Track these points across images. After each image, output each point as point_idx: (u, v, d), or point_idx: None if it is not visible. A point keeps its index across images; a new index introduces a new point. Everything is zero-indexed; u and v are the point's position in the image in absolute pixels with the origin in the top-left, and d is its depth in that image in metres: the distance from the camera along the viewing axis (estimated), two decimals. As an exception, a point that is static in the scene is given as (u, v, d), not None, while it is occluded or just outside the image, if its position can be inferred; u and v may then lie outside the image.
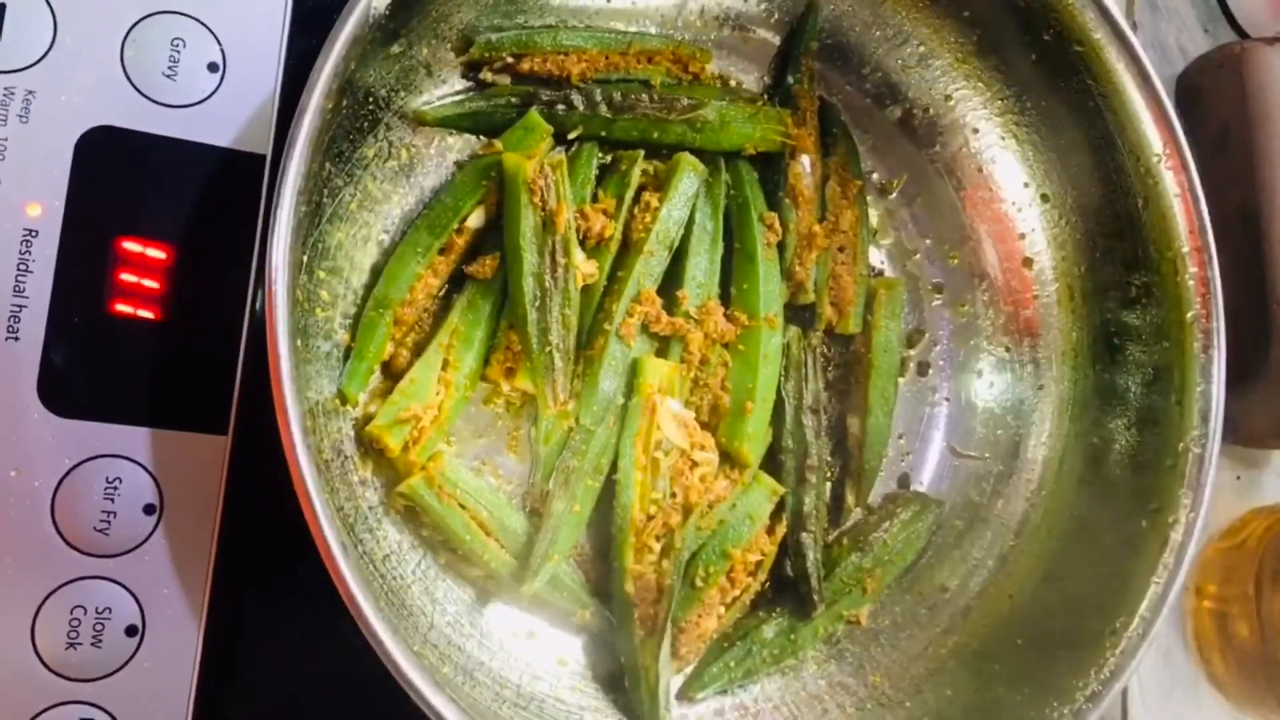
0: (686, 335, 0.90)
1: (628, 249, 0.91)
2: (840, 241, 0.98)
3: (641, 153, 0.92)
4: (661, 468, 0.86)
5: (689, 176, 0.92)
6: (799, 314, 0.99)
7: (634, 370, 0.89)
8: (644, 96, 0.92)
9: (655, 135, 0.93)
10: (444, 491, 0.85)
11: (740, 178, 0.96)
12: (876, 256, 1.05)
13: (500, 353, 0.87)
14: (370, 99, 0.87)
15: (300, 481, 0.70)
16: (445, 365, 0.86)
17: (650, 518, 0.85)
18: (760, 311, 0.93)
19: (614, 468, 0.88)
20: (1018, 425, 1.04)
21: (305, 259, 0.82)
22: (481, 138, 0.94)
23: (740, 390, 0.92)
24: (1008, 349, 1.04)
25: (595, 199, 0.91)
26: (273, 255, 0.71)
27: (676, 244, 0.92)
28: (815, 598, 0.93)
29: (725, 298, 0.95)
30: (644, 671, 0.87)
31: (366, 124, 0.85)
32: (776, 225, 0.94)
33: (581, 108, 0.91)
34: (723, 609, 0.92)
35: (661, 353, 0.92)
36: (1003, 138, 1.02)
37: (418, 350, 0.87)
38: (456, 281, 0.90)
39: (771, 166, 0.98)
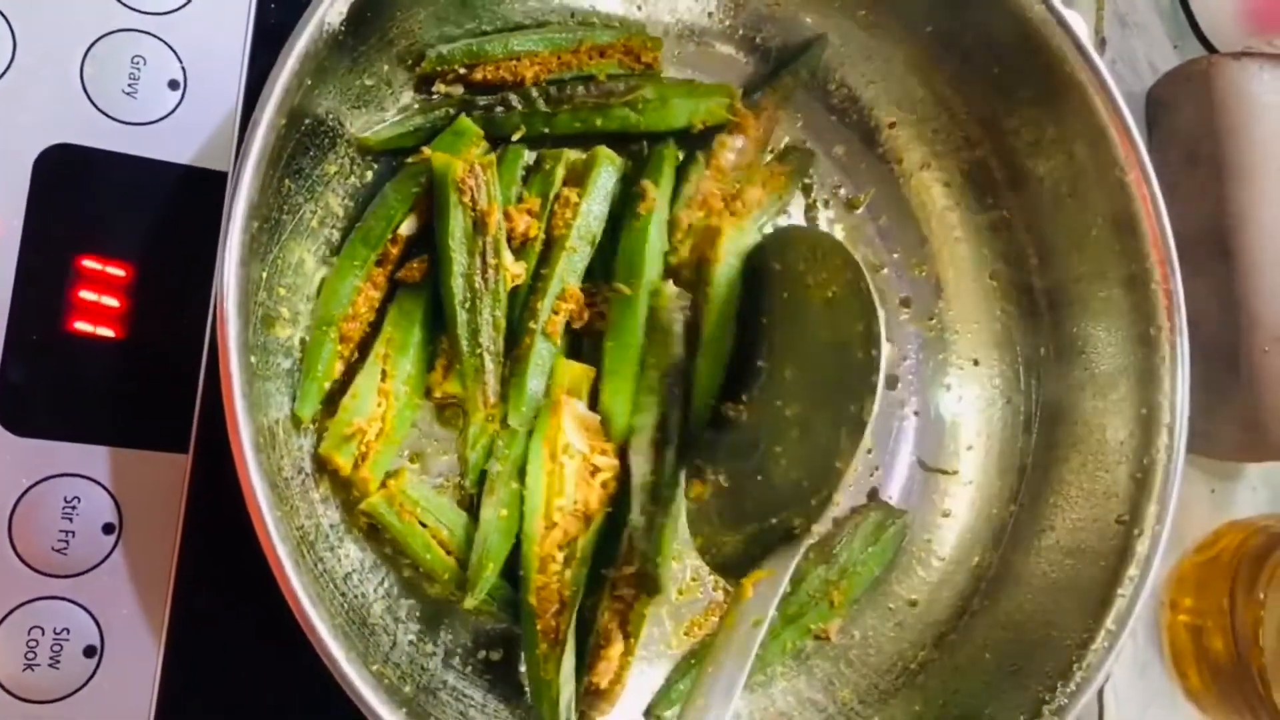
0: None
1: (550, 246, 0.91)
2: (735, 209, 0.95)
3: (566, 151, 0.92)
4: (567, 473, 0.85)
5: (607, 170, 0.92)
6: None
7: (552, 372, 0.89)
8: (580, 87, 0.92)
9: (599, 123, 0.93)
10: (405, 510, 0.84)
11: (660, 155, 0.95)
12: None
13: (443, 358, 0.87)
14: (331, 116, 0.86)
15: (253, 501, 0.70)
16: (384, 375, 0.85)
17: (551, 526, 0.84)
18: (631, 276, 0.92)
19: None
20: (986, 438, 1.04)
21: (264, 275, 0.82)
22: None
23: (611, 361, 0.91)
24: (975, 362, 1.04)
25: (520, 199, 0.91)
26: (224, 273, 0.71)
27: (599, 238, 0.92)
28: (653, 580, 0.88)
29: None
30: (545, 686, 0.86)
31: (327, 140, 0.84)
32: (649, 193, 0.92)
33: (520, 107, 0.91)
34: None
35: (592, 351, 0.91)
36: (967, 152, 1.03)
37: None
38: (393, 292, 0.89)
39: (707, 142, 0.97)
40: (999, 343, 1.04)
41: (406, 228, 0.87)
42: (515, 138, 0.94)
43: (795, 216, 1.03)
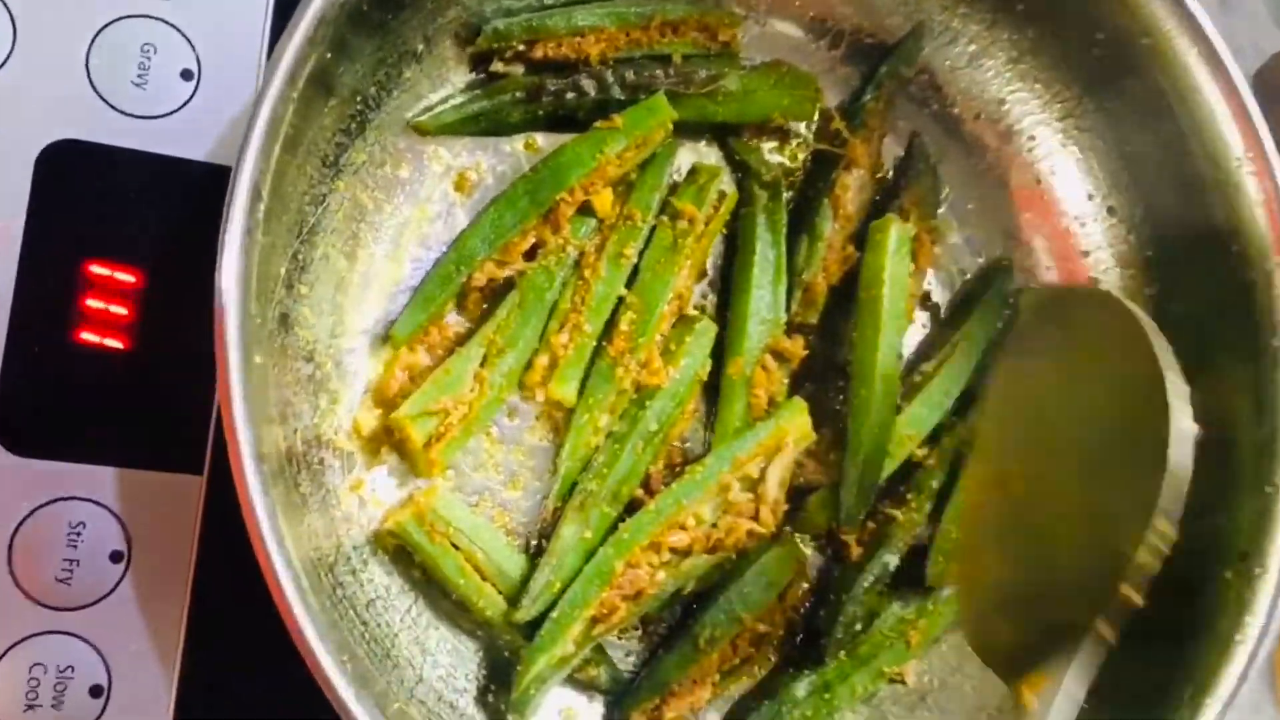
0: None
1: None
2: None
3: (721, 170, 0.90)
4: (730, 491, 0.83)
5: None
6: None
7: (786, 409, 0.86)
8: (659, 72, 0.87)
9: (677, 114, 0.87)
10: (436, 530, 0.79)
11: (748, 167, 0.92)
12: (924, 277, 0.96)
13: (545, 356, 0.85)
14: (358, 97, 0.80)
15: (253, 522, 0.64)
16: (485, 361, 0.82)
17: (680, 528, 0.81)
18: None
19: (630, 505, 0.84)
20: None
21: (285, 272, 0.76)
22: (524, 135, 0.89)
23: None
24: None
25: (664, 209, 0.89)
26: (222, 273, 0.64)
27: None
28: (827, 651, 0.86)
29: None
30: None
31: (354, 125, 0.79)
32: (693, 214, 0.88)
33: (593, 93, 0.85)
34: (718, 677, 0.85)
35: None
36: (1063, 144, 0.95)
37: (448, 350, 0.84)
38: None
39: (820, 173, 0.93)
40: None
41: (599, 204, 0.87)
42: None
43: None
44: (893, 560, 0.88)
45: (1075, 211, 0.96)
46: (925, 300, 0.96)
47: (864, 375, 0.89)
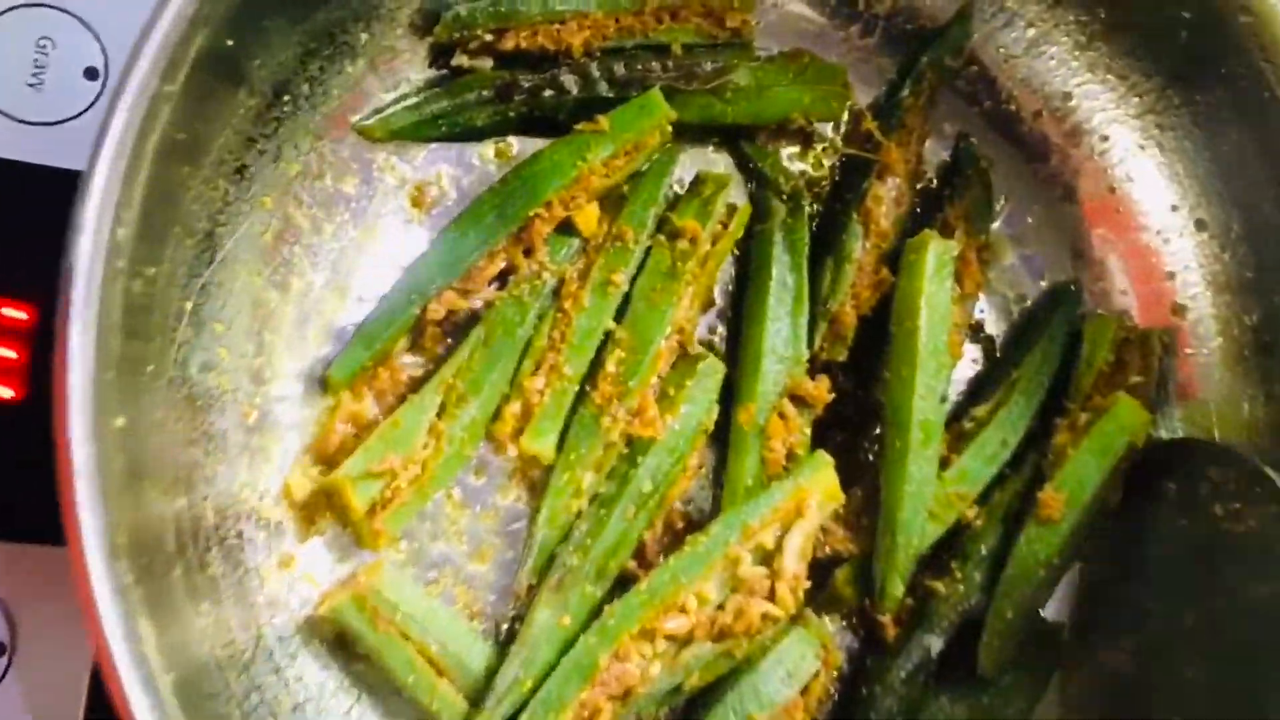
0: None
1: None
2: None
3: (731, 179, 0.80)
4: (740, 565, 0.73)
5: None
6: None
7: (809, 465, 0.76)
8: (655, 65, 0.78)
9: (676, 114, 0.78)
10: (380, 616, 0.70)
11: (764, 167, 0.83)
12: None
13: (518, 403, 0.75)
14: (283, 96, 0.71)
15: (95, 623, 0.52)
16: (443, 411, 0.73)
17: (680, 611, 0.72)
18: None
19: (621, 581, 0.75)
20: None
21: (191, 306, 0.67)
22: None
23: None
24: (1153, 423, 0.83)
25: (661, 227, 0.80)
26: (68, 304, 0.52)
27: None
28: None
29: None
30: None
31: (281, 130, 0.71)
32: (695, 232, 0.78)
33: (576, 90, 0.77)
34: None
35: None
36: (1142, 146, 0.86)
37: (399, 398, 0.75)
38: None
39: (849, 183, 0.83)
40: (1186, 397, 0.86)
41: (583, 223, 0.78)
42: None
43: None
44: (936, 643, 0.78)
45: (1157, 225, 0.86)
46: (977, 332, 0.86)
47: (900, 422, 0.77)
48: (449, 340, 0.76)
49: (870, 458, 0.81)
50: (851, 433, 0.82)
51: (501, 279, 0.77)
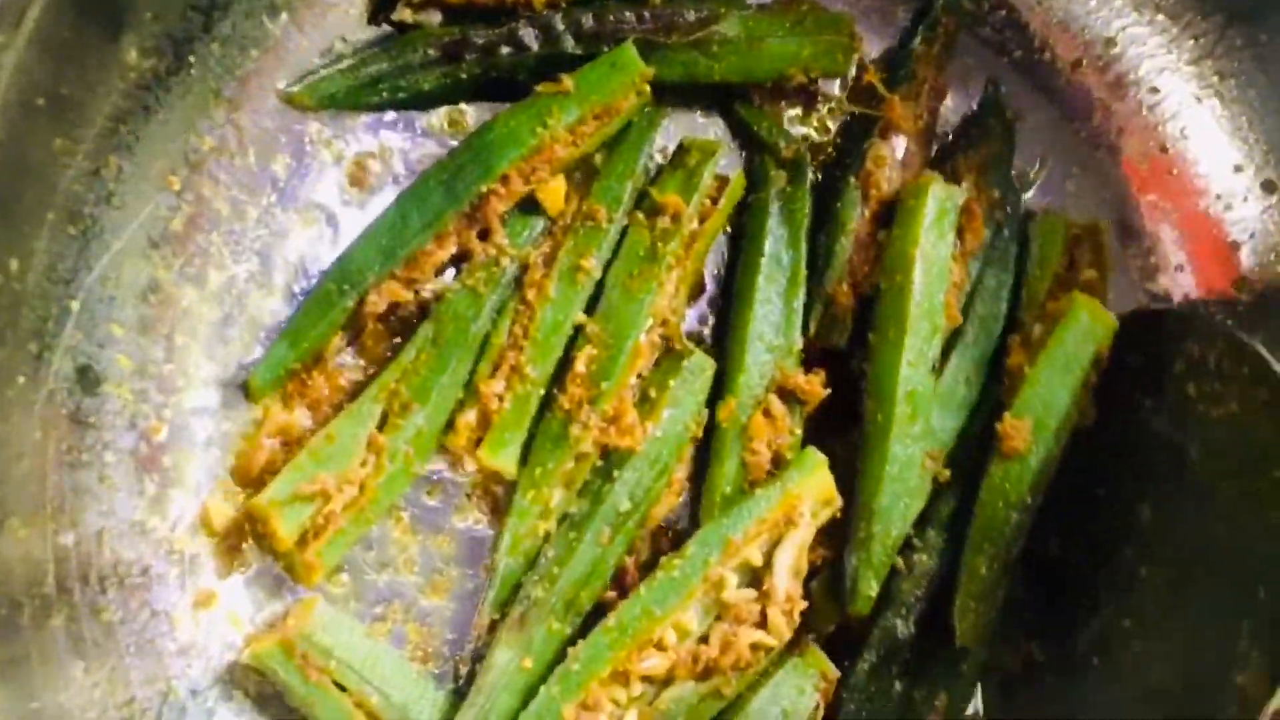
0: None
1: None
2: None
3: (720, 146, 0.73)
4: (724, 589, 0.66)
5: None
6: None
7: (798, 466, 0.69)
8: (629, 15, 0.71)
9: (655, 72, 0.71)
10: (311, 663, 0.63)
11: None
12: None
13: (473, 410, 0.68)
14: (188, 58, 0.64)
15: None
16: (384, 422, 0.66)
17: (656, 648, 0.65)
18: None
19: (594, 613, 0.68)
20: None
21: (77, 305, 0.60)
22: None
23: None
24: None
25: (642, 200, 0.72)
26: None
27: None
28: None
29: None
30: None
31: (188, 97, 0.65)
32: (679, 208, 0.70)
33: (537, 46, 0.70)
34: None
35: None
36: (1198, 97, 0.80)
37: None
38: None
39: (851, 146, 0.77)
40: None
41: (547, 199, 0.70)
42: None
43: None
44: (902, 627, 0.70)
45: (1218, 189, 0.80)
46: None
47: (883, 392, 0.70)
48: (396, 339, 0.69)
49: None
50: (849, 433, 0.74)
51: (455, 266, 0.70)
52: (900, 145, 0.77)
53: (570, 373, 0.69)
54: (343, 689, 0.63)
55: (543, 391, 0.69)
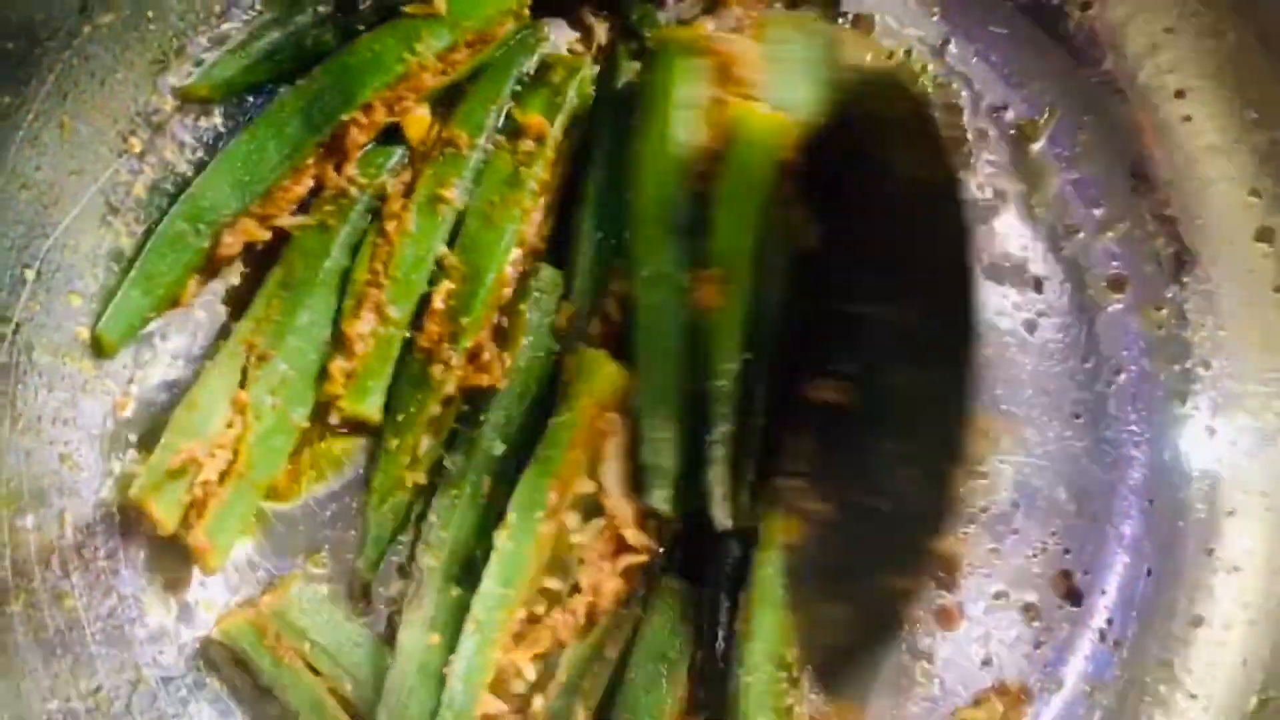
0: None
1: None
2: None
3: (585, 62, 0.69)
4: (570, 540, 0.62)
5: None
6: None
7: (574, 367, 0.63)
8: None
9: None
10: (284, 645, 0.62)
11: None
12: (1012, 239, 0.78)
13: (340, 356, 0.64)
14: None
15: None
16: (244, 378, 0.63)
17: (535, 620, 0.62)
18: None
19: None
20: (1268, 506, 0.75)
21: (32, 275, 0.58)
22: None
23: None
24: (1233, 375, 0.78)
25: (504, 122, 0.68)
26: None
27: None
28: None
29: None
30: None
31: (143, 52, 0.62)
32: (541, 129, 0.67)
33: None
34: None
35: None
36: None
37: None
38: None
39: None
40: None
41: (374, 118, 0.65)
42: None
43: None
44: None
45: (1236, 134, 0.77)
46: (1022, 272, 0.78)
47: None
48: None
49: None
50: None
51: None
52: (731, 16, 0.72)
53: (428, 310, 0.65)
54: (315, 673, 0.61)
55: (406, 333, 0.65)
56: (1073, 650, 0.73)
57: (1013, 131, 0.79)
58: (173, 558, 0.62)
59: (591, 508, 0.63)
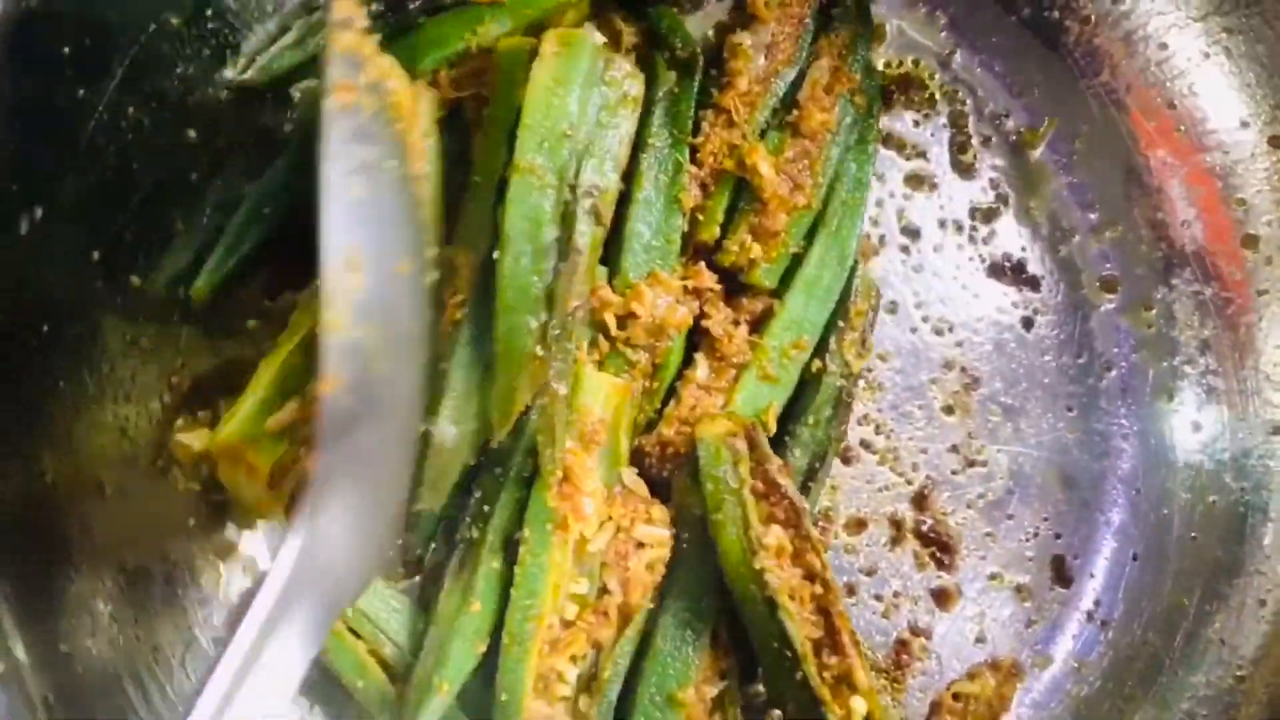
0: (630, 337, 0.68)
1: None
2: (792, 154, 0.72)
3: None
4: (591, 547, 0.63)
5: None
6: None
7: (579, 391, 0.65)
8: None
9: None
10: None
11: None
12: (1011, 240, 0.79)
13: None
14: None
15: None
16: None
17: (568, 625, 0.63)
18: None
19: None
20: (1242, 489, 0.77)
21: None
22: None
23: None
24: (1217, 372, 0.78)
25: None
26: None
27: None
28: None
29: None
30: None
31: None
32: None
33: None
34: None
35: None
36: (1206, 54, 0.77)
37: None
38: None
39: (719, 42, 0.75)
40: (1256, 344, 0.78)
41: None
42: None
43: (934, 158, 0.78)
44: None
45: (1224, 144, 0.78)
46: (1018, 272, 0.78)
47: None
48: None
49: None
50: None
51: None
52: (764, 34, 0.73)
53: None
54: (357, 636, 0.63)
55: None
56: (1062, 629, 0.75)
57: (1013, 138, 0.79)
58: (220, 527, 0.64)
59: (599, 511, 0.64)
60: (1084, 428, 0.78)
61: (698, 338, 0.70)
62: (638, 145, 0.69)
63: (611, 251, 0.68)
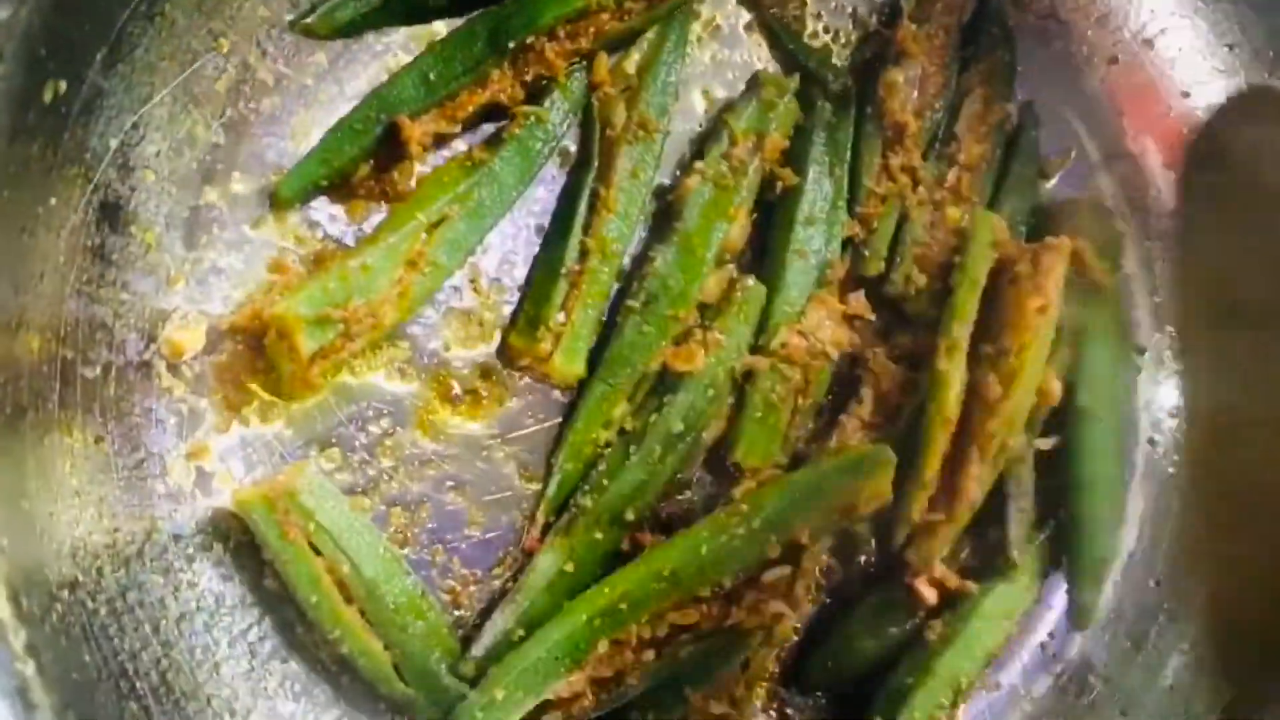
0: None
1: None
2: (951, 189, 0.73)
3: (791, 86, 0.72)
4: (766, 576, 0.65)
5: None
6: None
7: (868, 459, 0.67)
8: None
9: None
10: (291, 522, 0.62)
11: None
12: None
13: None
14: None
15: None
16: (417, 258, 0.66)
17: (695, 599, 0.65)
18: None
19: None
20: None
21: (113, 144, 0.59)
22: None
23: None
24: None
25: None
26: None
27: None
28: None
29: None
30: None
31: None
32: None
33: None
34: None
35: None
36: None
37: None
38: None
39: (865, 72, 0.75)
40: None
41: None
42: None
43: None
44: None
45: (1203, 103, 0.77)
46: None
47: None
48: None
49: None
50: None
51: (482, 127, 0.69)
52: (912, 69, 0.74)
53: (638, 288, 0.69)
54: (318, 553, 0.62)
55: (605, 305, 0.69)
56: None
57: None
58: (197, 429, 0.63)
59: (791, 551, 0.65)
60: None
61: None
62: (799, 169, 0.70)
63: (770, 279, 0.70)
